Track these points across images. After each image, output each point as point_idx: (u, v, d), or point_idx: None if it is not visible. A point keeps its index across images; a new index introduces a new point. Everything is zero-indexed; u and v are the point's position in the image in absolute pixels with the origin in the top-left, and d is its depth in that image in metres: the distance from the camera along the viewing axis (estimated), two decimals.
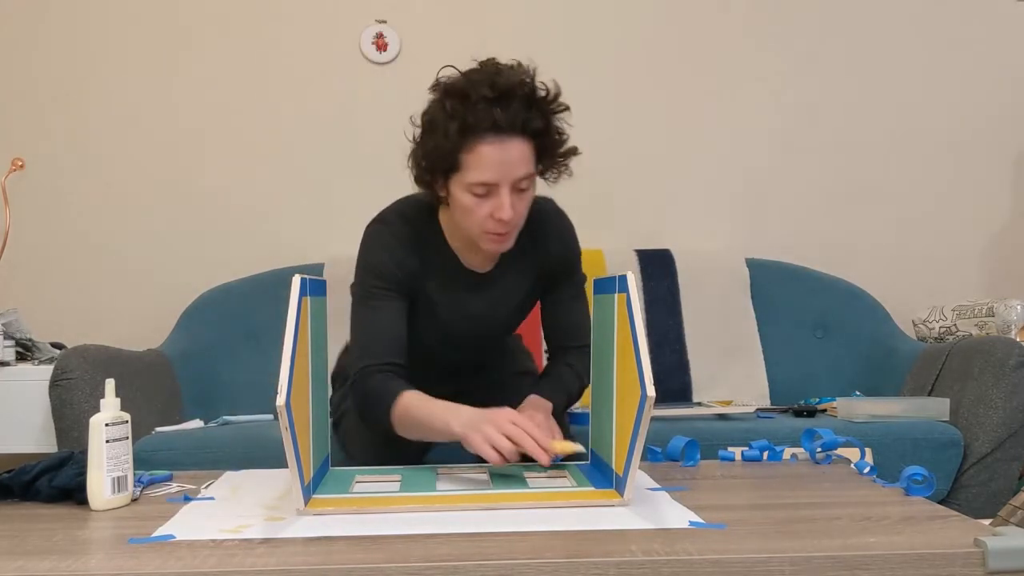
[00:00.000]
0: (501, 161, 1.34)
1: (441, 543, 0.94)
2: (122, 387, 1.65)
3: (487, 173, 1.34)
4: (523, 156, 1.36)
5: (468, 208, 1.38)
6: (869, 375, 2.42)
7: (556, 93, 1.40)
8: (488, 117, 1.31)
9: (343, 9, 2.70)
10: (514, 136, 1.34)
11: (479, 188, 1.36)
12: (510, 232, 1.41)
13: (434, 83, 1.40)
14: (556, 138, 1.41)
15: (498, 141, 1.33)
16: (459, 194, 1.39)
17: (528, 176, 1.38)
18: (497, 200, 1.36)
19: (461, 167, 1.36)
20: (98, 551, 0.95)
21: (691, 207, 2.76)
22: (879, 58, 2.79)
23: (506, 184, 1.35)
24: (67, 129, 2.68)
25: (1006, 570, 0.88)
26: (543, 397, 1.50)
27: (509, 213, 1.36)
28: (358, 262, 1.50)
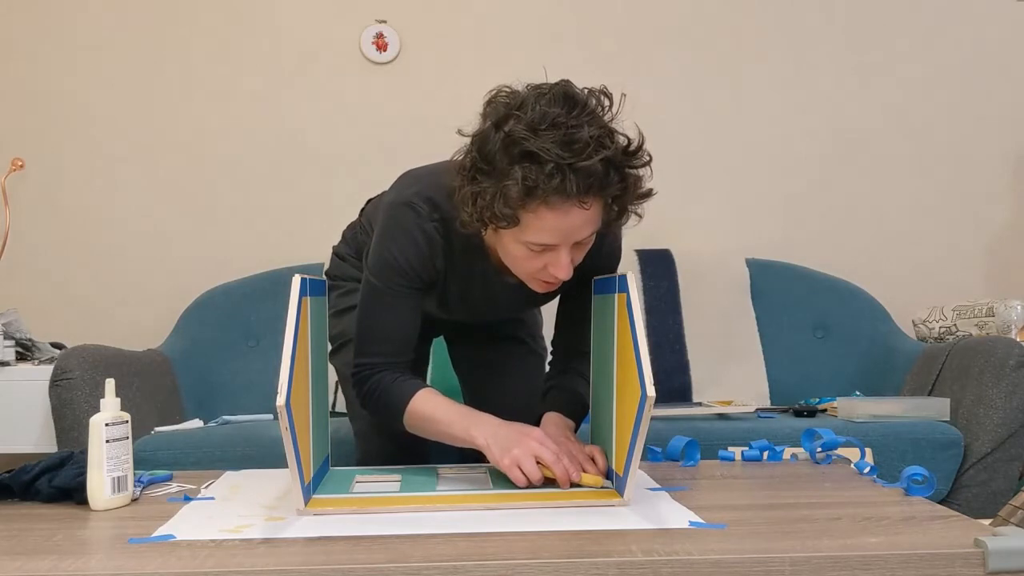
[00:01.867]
0: (565, 226, 1.18)
1: (441, 543, 0.94)
2: (122, 387, 1.66)
3: (547, 237, 1.19)
4: (591, 218, 1.21)
5: (519, 258, 1.25)
6: (869, 375, 2.42)
7: (639, 143, 1.25)
8: (559, 185, 1.13)
9: (343, 9, 2.70)
10: (583, 204, 1.17)
11: (535, 246, 1.21)
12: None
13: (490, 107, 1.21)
14: (627, 195, 1.25)
15: (565, 208, 1.16)
16: (510, 244, 1.24)
17: (592, 232, 1.24)
18: (554, 256, 1.22)
19: (518, 224, 1.19)
20: (98, 551, 0.95)
21: (691, 207, 2.76)
22: (879, 58, 2.79)
23: (568, 245, 1.22)
24: (67, 129, 2.68)
25: (1006, 570, 0.88)
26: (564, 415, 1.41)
27: (567, 274, 1.23)
28: (379, 245, 1.36)
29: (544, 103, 1.16)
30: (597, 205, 1.20)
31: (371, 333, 1.38)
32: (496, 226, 1.21)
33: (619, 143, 1.21)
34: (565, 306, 1.52)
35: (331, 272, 1.67)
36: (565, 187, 1.14)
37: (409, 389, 1.34)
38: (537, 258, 1.23)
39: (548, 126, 1.14)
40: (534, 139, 1.14)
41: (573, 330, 1.49)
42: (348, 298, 1.60)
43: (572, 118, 1.15)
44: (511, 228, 1.20)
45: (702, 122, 2.77)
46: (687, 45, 2.76)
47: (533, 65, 2.22)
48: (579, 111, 1.17)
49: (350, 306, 1.59)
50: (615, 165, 1.19)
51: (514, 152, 1.15)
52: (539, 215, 1.17)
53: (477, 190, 1.19)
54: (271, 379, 2.33)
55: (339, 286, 1.63)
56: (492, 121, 1.18)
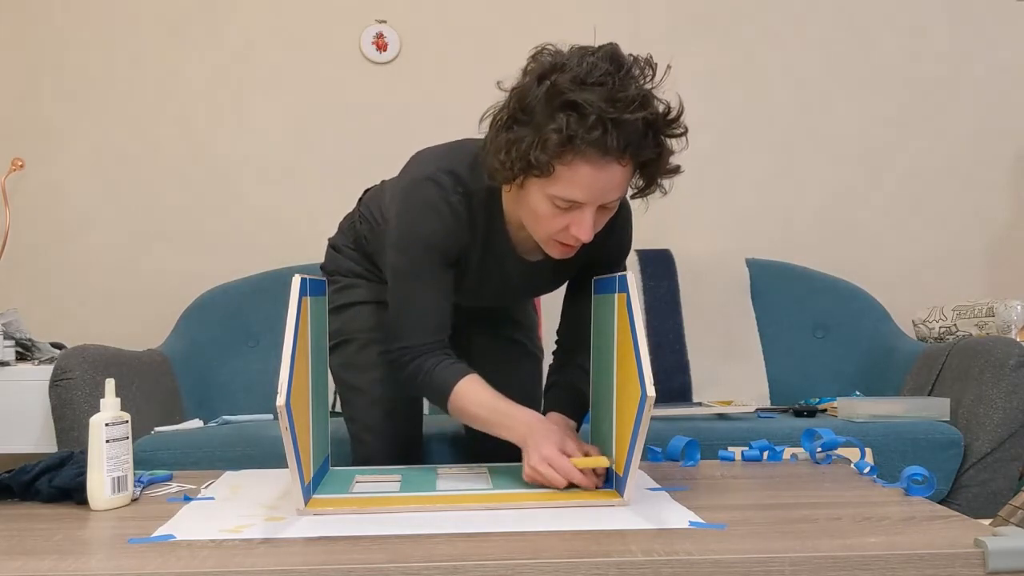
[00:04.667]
0: (598, 184, 1.18)
1: (441, 543, 0.94)
2: (122, 387, 1.66)
3: (578, 192, 1.19)
4: (623, 180, 1.21)
5: (542, 216, 1.23)
6: (869, 375, 2.42)
7: (679, 112, 1.24)
8: (599, 138, 1.14)
9: (343, 9, 2.70)
10: (620, 161, 1.18)
11: (562, 202, 1.21)
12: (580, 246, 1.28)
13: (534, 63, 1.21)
14: (659, 163, 1.25)
15: (599, 164, 1.16)
16: (536, 198, 1.22)
17: (619, 197, 1.25)
18: (578, 216, 1.22)
19: (550, 175, 1.19)
20: (98, 551, 0.95)
21: (691, 207, 2.76)
22: (879, 57, 2.79)
23: (594, 205, 1.22)
24: (67, 129, 2.68)
25: (1006, 570, 0.88)
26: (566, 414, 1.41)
27: (590, 235, 1.23)
28: (403, 223, 1.34)
29: (590, 60, 1.17)
30: (630, 168, 1.21)
31: (407, 315, 1.36)
32: (528, 175, 1.20)
33: (660, 108, 1.21)
34: (572, 295, 1.51)
35: (327, 266, 1.64)
36: (605, 141, 1.14)
37: (453, 376, 1.32)
38: (561, 216, 1.22)
39: (593, 81, 1.14)
40: (578, 91, 1.14)
41: (579, 320, 1.48)
42: (344, 294, 1.59)
43: (618, 77, 1.16)
44: (542, 179, 1.20)
45: (702, 122, 2.77)
46: (687, 46, 2.76)
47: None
48: (625, 72, 1.17)
49: (346, 303, 1.58)
50: (654, 128, 1.20)
51: (556, 102, 1.15)
52: (574, 168, 1.17)
53: (513, 138, 1.19)
54: (271, 379, 2.33)
55: (335, 280, 1.61)
56: (536, 75, 1.19)
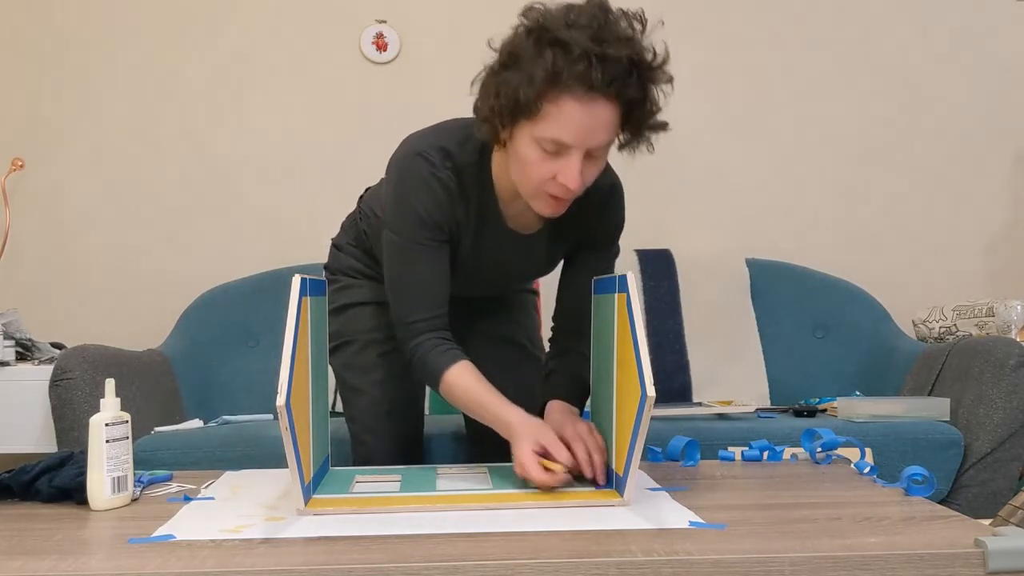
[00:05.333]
0: (584, 123, 1.20)
1: (441, 543, 0.94)
2: (122, 387, 1.66)
3: (565, 132, 1.20)
4: (609, 122, 1.22)
5: (531, 163, 1.24)
6: (869, 375, 2.42)
7: (664, 59, 1.25)
8: (584, 73, 1.16)
9: (343, 9, 2.70)
10: (605, 99, 1.19)
11: (550, 145, 1.21)
12: (569, 199, 1.29)
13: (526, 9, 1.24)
14: (649, 110, 1.26)
15: (587, 100, 1.18)
16: (524, 145, 1.24)
17: (607, 144, 1.26)
18: (566, 162, 1.23)
19: (538, 115, 1.20)
20: (98, 551, 0.95)
21: (691, 207, 2.76)
22: (879, 57, 2.79)
23: (581, 148, 1.22)
24: (67, 129, 2.68)
25: (1006, 570, 0.88)
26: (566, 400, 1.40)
27: (577, 182, 1.23)
28: (395, 199, 1.35)
29: (578, 8, 1.20)
30: (616, 108, 1.21)
31: (403, 292, 1.36)
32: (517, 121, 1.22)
33: (646, 49, 1.23)
34: (567, 278, 1.51)
35: (329, 265, 1.65)
36: (590, 75, 1.16)
37: (445, 362, 1.33)
38: (549, 162, 1.23)
39: (580, 24, 1.18)
40: (565, 30, 1.17)
41: (574, 304, 1.48)
42: (345, 294, 1.59)
43: (605, 20, 1.19)
44: (530, 121, 1.21)
45: (702, 123, 2.77)
46: (688, 47, 2.76)
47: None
48: (612, 17, 1.21)
49: (346, 303, 1.58)
50: (639, 68, 1.21)
51: (544, 40, 1.18)
52: (560, 105, 1.18)
53: (501, 81, 1.22)
54: (271, 379, 2.33)
55: (337, 280, 1.61)
56: (524, 28, 1.22)
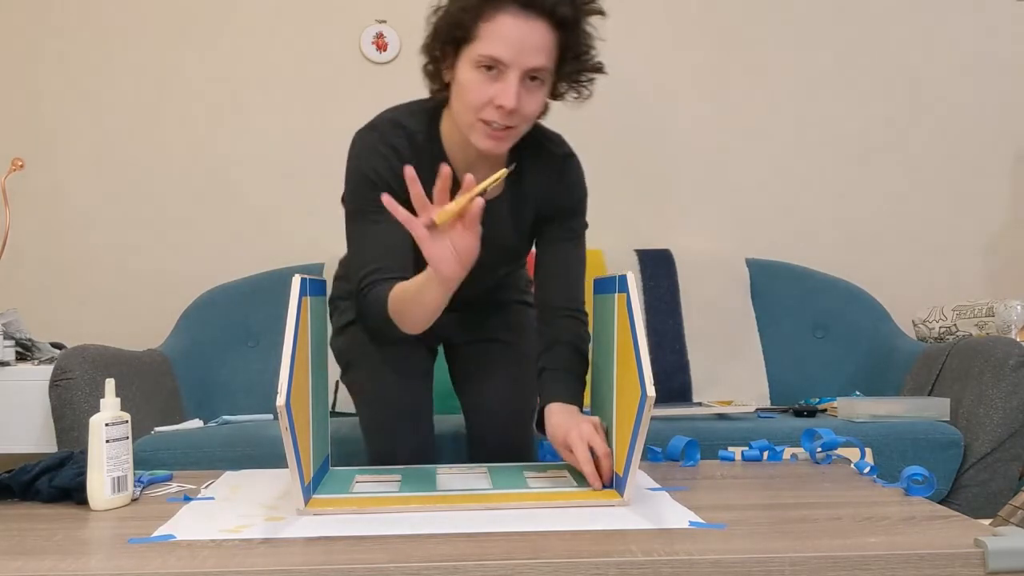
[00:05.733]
0: (519, 39, 1.24)
1: (441, 543, 0.94)
2: (122, 387, 1.66)
3: (500, 47, 1.24)
4: (543, 43, 1.27)
5: (470, 87, 1.27)
6: (869, 375, 2.42)
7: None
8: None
9: (343, 9, 2.70)
10: (539, 18, 1.25)
11: (487, 61, 1.25)
12: (507, 133, 1.30)
13: None
14: (582, 39, 1.32)
15: (522, 16, 1.24)
16: (465, 71, 1.28)
17: (543, 69, 1.28)
18: (502, 84, 1.26)
19: (475, 37, 1.26)
20: (98, 551, 0.95)
21: (691, 207, 2.77)
22: (878, 57, 2.79)
23: (517, 68, 1.25)
24: (67, 129, 2.68)
25: (1006, 570, 0.88)
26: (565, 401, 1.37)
27: (512, 101, 1.25)
28: (348, 172, 1.39)
29: None
30: (551, 32, 1.27)
31: (360, 255, 1.36)
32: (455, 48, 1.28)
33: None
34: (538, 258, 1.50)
35: (332, 296, 1.65)
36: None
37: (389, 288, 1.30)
38: (487, 85, 1.26)
39: None
40: None
41: (549, 285, 1.47)
42: (346, 315, 1.57)
43: None
44: (469, 45, 1.26)
45: (702, 123, 2.77)
46: (688, 47, 2.76)
47: None
48: None
49: (344, 323, 1.57)
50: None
51: None
52: (496, 22, 1.24)
53: (441, 14, 1.30)
54: (271, 379, 2.33)
55: (338, 306, 1.61)
56: None
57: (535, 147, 1.45)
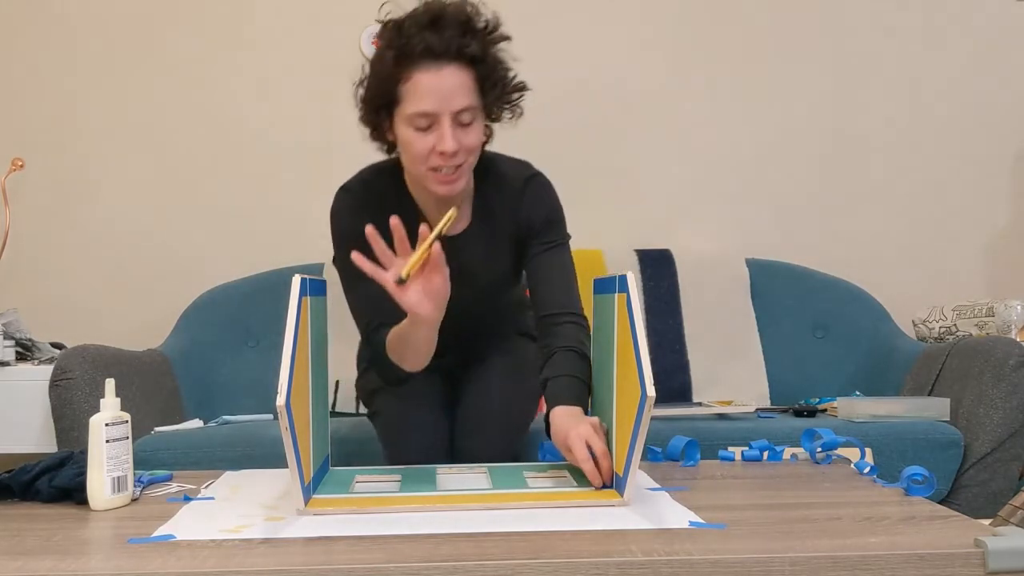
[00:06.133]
0: (439, 89, 1.31)
1: (441, 543, 0.94)
2: (122, 387, 1.66)
3: (425, 102, 1.32)
4: (462, 85, 1.33)
5: (410, 143, 1.36)
6: (869, 375, 2.42)
7: (495, 24, 1.39)
8: (422, 42, 1.30)
9: (343, 9, 2.70)
10: (450, 63, 1.32)
11: (420, 120, 1.33)
12: (458, 173, 1.37)
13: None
14: (497, 68, 1.39)
15: (434, 68, 1.31)
16: (402, 131, 1.37)
17: (469, 108, 1.35)
18: (438, 132, 1.33)
19: (400, 99, 1.34)
20: (98, 551, 0.95)
21: (691, 207, 2.76)
22: (879, 57, 2.79)
23: (446, 114, 1.33)
24: (67, 129, 2.68)
25: (1006, 570, 0.88)
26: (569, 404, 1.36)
27: (451, 145, 1.33)
28: (332, 234, 1.50)
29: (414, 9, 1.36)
30: (465, 70, 1.34)
31: (358, 311, 1.49)
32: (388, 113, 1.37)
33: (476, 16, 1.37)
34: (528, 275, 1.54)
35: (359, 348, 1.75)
36: (429, 43, 1.30)
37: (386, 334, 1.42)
38: (426, 137, 1.34)
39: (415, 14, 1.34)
40: (402, 14, 1.35)
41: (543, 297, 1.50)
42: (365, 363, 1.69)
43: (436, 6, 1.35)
44: (398, 108, 1.35)
45: (702, 122, 2.77)
46: (687, 46, 2.76)
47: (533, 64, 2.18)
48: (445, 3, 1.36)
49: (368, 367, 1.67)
50: (473, 32, 1.35)
51: (386, 35, 1.35)
52: (415, 81, 1.32)
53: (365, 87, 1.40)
54: (271, 379, 2.33)
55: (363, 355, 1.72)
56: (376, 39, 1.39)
57: (497, 177, 1.52)
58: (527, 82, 1.47)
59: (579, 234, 2.80)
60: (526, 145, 2.72)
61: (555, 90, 2.73)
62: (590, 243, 2.63)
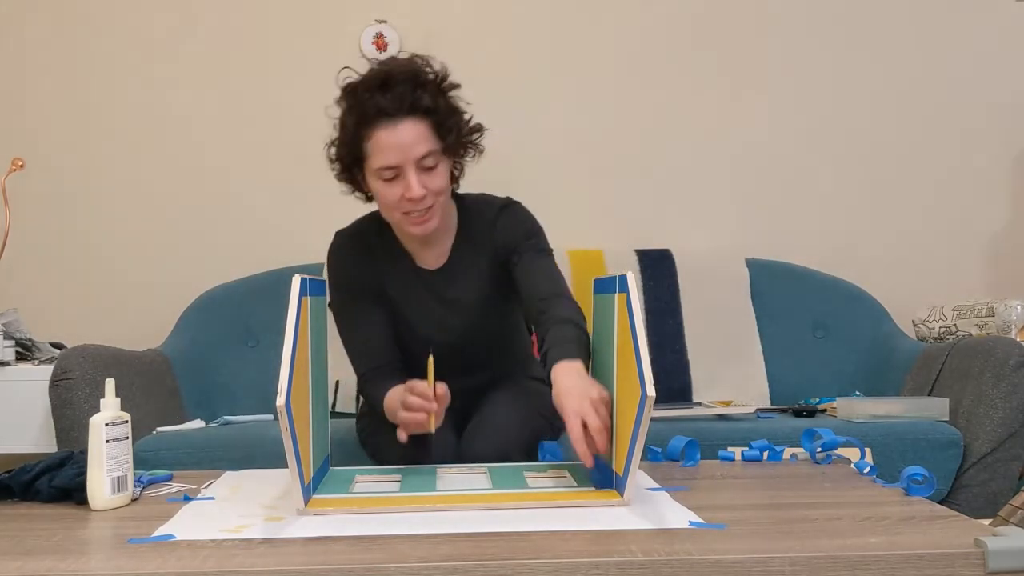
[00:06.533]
0: (399, 143, 1.42)
1: (441, 543, 0.94)
2: (122, 387, 1.66)
3: (388, 156, 1.43)
4: (419, 135, 1.43)
5: (381, 194, 1.47)
6: (869, 375, 2.42)
7: (444, 75, 1.49)
8: (376, 104, 1.42)
9: (343, 9, 2.70)
10: (405, 117, 1.42)
11: (386, 172, 1.44)
12: (429, 214, 1.47)
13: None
14: (451, 115, 1.48)
15: (391, 124, 1.42)
16: (373, 183, 1.48)
17: (431, 153, 1.44)
18: (404, 181, 1.44)
19: (367, 155, 1.46)
20: (98, 551, 0.95)
21: (691, 207, 2.76)
22: (879, 58, 2.79)
23: (409, 164, 1.43)
24: (67, 129, 2.68)
25: (1006, 570, 0.88)
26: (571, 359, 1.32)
27: (417, 191, 1.43)
28: (327, 277, 1.60)
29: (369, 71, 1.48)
30: (421, 122, 1.44)
31: (350, 350, 1.60)
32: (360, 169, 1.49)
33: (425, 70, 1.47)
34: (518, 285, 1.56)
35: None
36: (383, 103, 1.41)
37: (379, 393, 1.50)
38: (394, 187, 1.45)
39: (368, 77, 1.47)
40: (356, 79, 1.48)
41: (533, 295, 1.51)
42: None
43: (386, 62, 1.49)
44: (365, 164, 1.47)
45: (702, 122, 2.77)
46: (686, 46, 2.76)
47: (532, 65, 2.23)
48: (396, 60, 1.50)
49: None
50: (423, 85, 1.45)
51: (345, 99, 1.48)
52: (376, 139, 1.43)
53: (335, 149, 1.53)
54: (271, 379, 2.33)
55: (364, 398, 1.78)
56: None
57: (476, 212, 1.61)
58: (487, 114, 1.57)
59: (579, 234, 2.80)
60: (526, 144, 2.73)
61: (555, 90, 2.73)
62: (590, 243, 2.63)
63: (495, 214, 1.60)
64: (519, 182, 2.72)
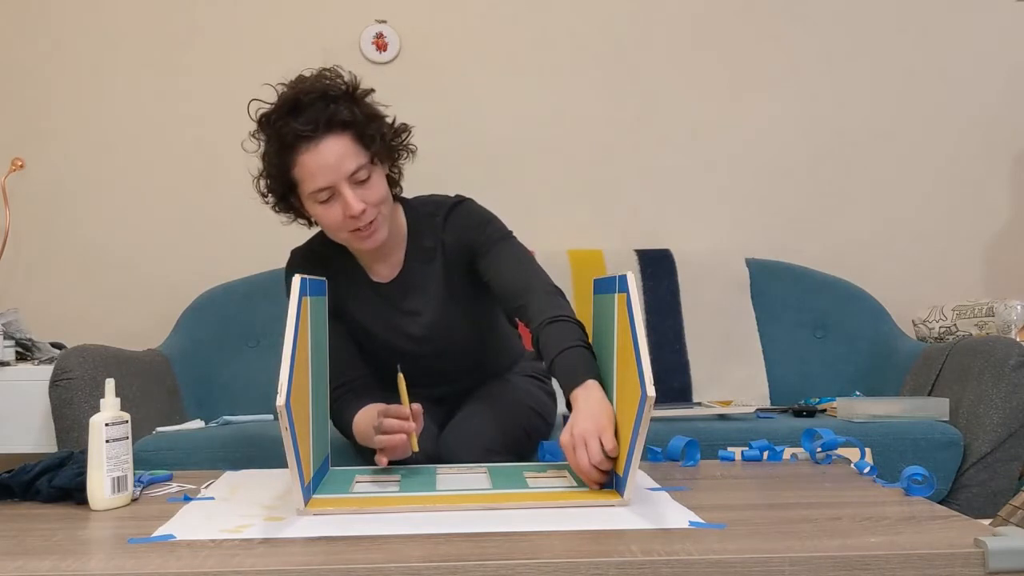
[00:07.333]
0: (324, 163, 1.37)
1: (441, 543, 0.94)
2: (122, 387, 1.66)
3: (318, 179, 1.38)
4: (343, 150, 1.38)
5: (323, 216, 1.43)
6: (869, 375, 2.42)
7: (354, 84, 1.44)
8: (292, 130, 1.37)
9: (343, 9, 2.70)
10: (325, 135, 1.38)
11: (321, 195, 1.40)
12: (374, 226, 1.43)
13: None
14: (372, 123, 1.43)
15: (312, 146, 1.37)
16: (311, 208, 1.44)
17: (360, 167, 1.40)
18: (341, 199, 1.40)
19: (297, 181, 1.41)
20: (98, 551, 0.95)
21: (691, 207, 2.76)
22: (878, 57, 2.79)
23: (342, 181, 1.39)
24: (67, 129, 2.68)
25: (1006, 570, 0.88)
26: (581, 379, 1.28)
27: (356, 207, 1.39)
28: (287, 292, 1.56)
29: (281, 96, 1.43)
30: (343, 136, 1.39)
31: None
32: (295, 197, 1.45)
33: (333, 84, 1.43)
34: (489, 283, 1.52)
35: None
36: (299, 128, 1.36)
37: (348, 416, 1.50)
38: (332, 207, 1.41)
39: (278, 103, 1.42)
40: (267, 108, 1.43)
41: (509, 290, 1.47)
42: None
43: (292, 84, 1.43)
44: (298, 189, 1.42)
45: (702, 122, 2.77)
46: (686, 46, 2.76)
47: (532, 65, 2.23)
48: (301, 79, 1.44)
49: None
50: (334, 100, 1.40)
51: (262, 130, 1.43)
52: (301, 164, 1.39)
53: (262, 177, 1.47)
54: (271, 379, 2.32)
55: None
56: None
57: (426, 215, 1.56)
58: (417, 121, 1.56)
59: (579, 234, 2.80)
60: (526, 144, 2.73)
61: (555, 90, 2.73)
62: (590, 243, 2.64)
63: (444, 215, 1.55)
64: (519, 182, 2.73)
